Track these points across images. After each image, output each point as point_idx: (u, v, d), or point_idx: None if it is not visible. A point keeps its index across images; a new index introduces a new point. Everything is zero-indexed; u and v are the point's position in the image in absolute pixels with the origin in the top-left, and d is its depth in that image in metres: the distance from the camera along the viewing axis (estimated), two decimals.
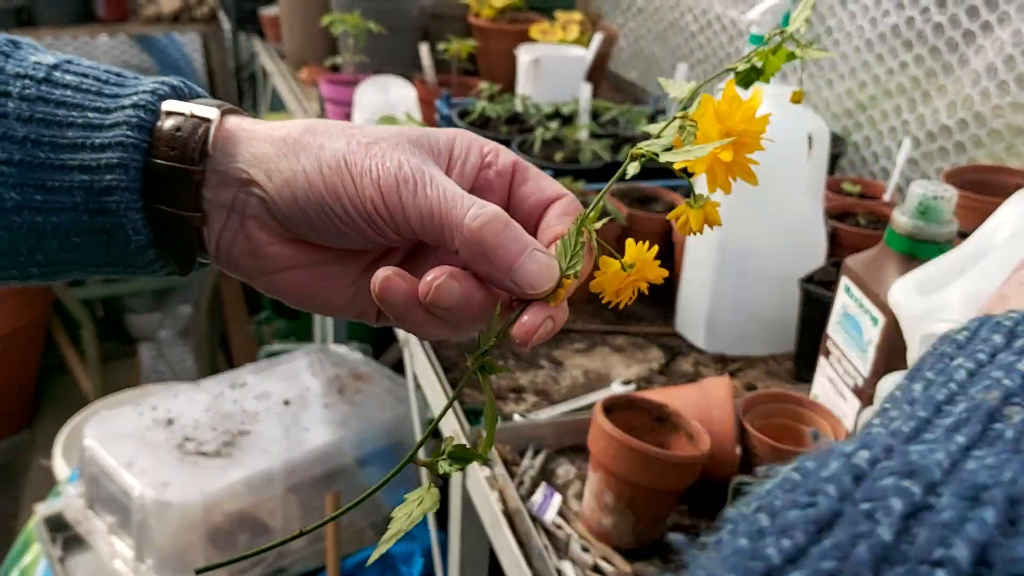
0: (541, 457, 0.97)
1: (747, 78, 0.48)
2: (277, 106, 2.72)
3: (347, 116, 1.76)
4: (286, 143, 0.43)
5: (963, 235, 0.86)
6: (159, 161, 0.42)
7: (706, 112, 0.42)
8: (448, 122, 1.59)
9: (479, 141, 0.45)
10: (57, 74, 0.43)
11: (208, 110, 0.43)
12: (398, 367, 1.66)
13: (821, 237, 1.14)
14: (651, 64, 2.27)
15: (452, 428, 1.00)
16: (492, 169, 0.45)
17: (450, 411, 1.02)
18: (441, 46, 1.86)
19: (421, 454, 0.43)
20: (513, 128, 1.60)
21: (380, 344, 2.27)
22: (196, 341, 3.16)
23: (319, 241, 0.43)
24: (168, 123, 0.43)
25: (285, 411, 1.63)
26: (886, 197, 1.34)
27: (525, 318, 0.41)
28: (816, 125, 1.10)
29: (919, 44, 1.44)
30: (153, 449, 1.51)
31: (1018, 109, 1.27)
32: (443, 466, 0.43)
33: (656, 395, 0.94)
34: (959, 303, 0.60)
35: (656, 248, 0.45)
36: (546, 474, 0.96)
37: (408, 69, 2.03)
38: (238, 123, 0.44)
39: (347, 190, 0.41)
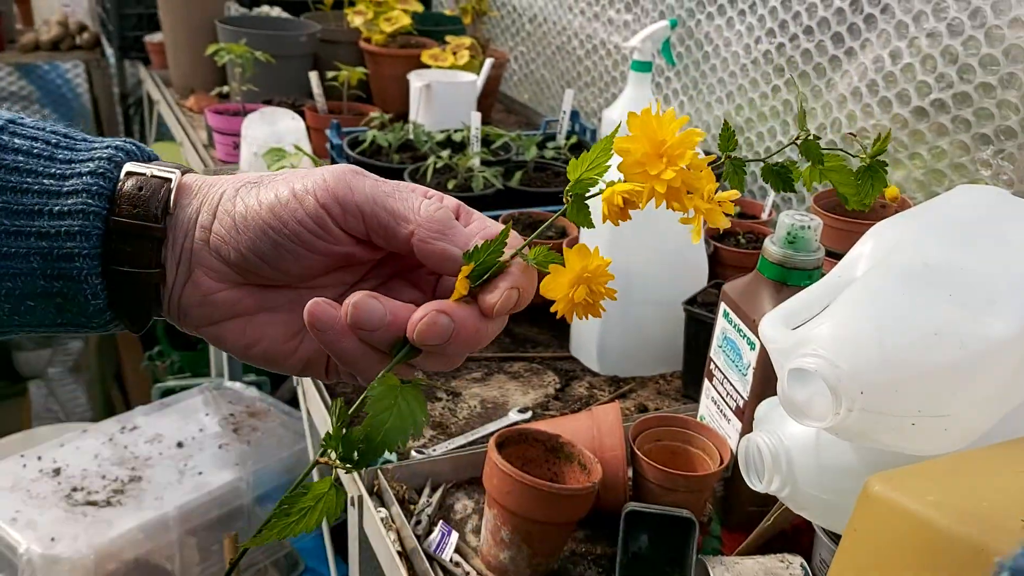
0: (439, 493, 0.98)
1: (779, 179, 0.50)
2: (165, 134, 2.65)
3: (235, 147, 1.73)
4: (231, 184, 0.44)
5: (833, 255, 0.91)
6: (120, 219, 0.42)
7: (633, 134, 0.41)
8: (339, 151, 1.58)
9: (421, 187, 0.46)
10: (5, 137, 0.42)
11: (168, 171, 0.44)
12: (295, 401, 1.64)
13: (702, 259, 1.18)
14: (541, 87, 2.31)
15: None
16: None
17: None
18: (331, 73, 1.85)
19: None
20: (405, 156, 1.60)
21: (277, 377, 2.23)
22: (88, 378, 3.04)
23: (263, 271, 0.44)
24: (129, 183, 0.43)
25: (179, 454, 1.59)
26: (764, 216, 1.39)
27: (497, 285, 0.41)
28: None
29: (790, 70, 1.51)
30: (40, 502, 1.45)
31: (881, 131, 1.35)
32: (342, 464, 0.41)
33: (549, 425, 0.96)
34: (823, 338, 0.64)
35: (597, 248, 0.44)
36: (444, 510, 0.96)
37: (299, 96, 2.01)
38: (194, 179, 0.45)
39: (280, 198, 0.42)
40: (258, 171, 1.54)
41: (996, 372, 0.63)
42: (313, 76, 1.83)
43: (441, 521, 0.93)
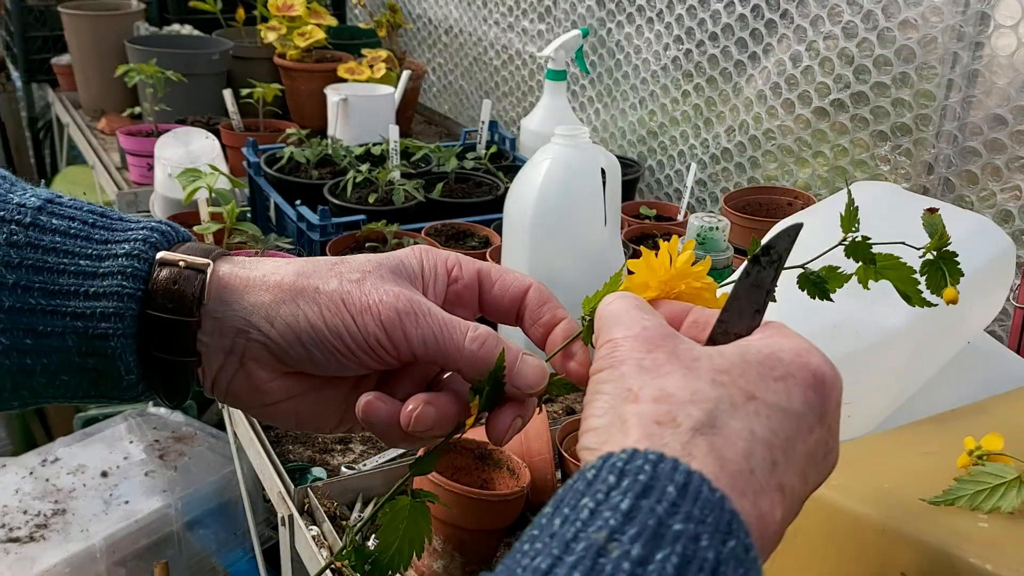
0: (371, 507, 0.98)
1: (816, 290, 0.50)
2: (76, 157, 2.59)
3: (149, 168, 1.70)
4: (281, 289, 0.45)
5: (743, 253, 0.94)
6: (157, 314, 0.44)
7: (640, 265, 0.46)
8: (256, 169, 1.57)
9: (441, 256, 0.49)
10: (43, 218, 0.44)
11: (200, 260, 0.45)
12: (223, 424, 1.61)
13: (621, 263, 1.21)
14: (460, 98, 2.33)
15: (276, 489, 0.99)
16: (460, 283, 0.49)
17: (272, 472, 1.01)
18: (245, 91, 1.83)
19: (251, 521, 0.46)
20: (324, 172, 1.59)
21: (202, 400, 2.19)
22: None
23: (318, 372, 0.47)
24: (163, 274, 0.44)
25: (103, 483, 1.55)
26: (680, 217, 1.43)
27: (499, 420, 0.46)
28: (608, 160, 1.17)
29: (698, 75, 1.56)
30: None
31: (787, 132, 1.40)
32: None
33: (477, 433, 0.97)
34: None
35: (674, 242, 0.47)
36: (376, 525, 0.96)
37: (213, 115, 1.99)
38: (231, 271, 0.46)
39: (348, 328, 0.45)
40: (174, 192, 1.52)
41: (892, 361, 0.67)
42: (227, 94, 1.81)
43: (373, 536, 0.93)
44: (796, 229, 0.41)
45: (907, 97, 1.23)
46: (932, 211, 0.51)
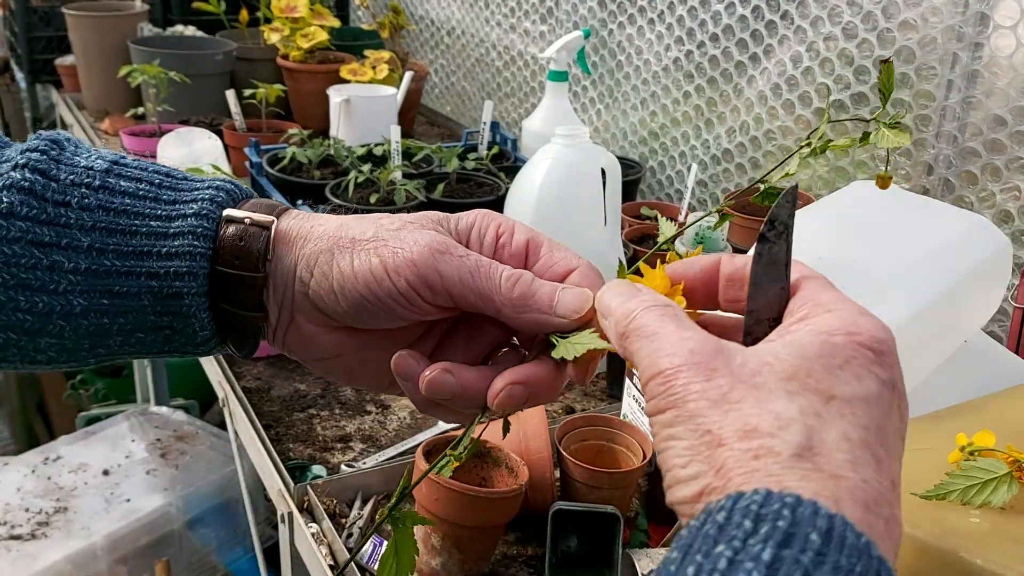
0: (370, 505, 0.98)
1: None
2: None
3: None
4: (322, 240, 0.46)
5: (741, 252, 0.95)
6: (225, 270, 0.45)
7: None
8: (259, 170, 1.58)
9: (495, 220, 0.47)
10: (112, 180, 0.45)
11: (264, 216, 0.46)
12: (225, 424, 1.62)
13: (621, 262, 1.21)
14: (463, 99, 2.33)
15: (276, 487, 0.99)
16: (505, 251, 0.47)
17: (272, 470, 1.01)
18: (248, 91, 1.84)
19: (251, 519, 0.46)
20: (326, 172, 1.60)
21: (206, 400, 2.19)
22: (10, 410, 2.94)
23: (359, 325, 0.47)
24: (229, 231, 0.45)
25: (105, 482, 1.56)
26: (681, 218, 1.43)
27: (496, 384, 0.44)
28: (608, 161, 1.17)
29: (699, 76, 1.56)
30: None
31: (787, 132, 1.40)
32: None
33: (476, 430, 0.97)
34: None
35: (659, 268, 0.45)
36: (375, 521, 0.97)
37: (216, 115, 1.99)
38: (289, 226, 0.47)
39: (377, 278, 0.44)
40: None
41: None
42: (230, 95, 1.82)
43: (374, 533, 0.94)
44: (792, 192, 0.39)
45: (907, 98, 1.23)
46: (885, 62, 0.51)
